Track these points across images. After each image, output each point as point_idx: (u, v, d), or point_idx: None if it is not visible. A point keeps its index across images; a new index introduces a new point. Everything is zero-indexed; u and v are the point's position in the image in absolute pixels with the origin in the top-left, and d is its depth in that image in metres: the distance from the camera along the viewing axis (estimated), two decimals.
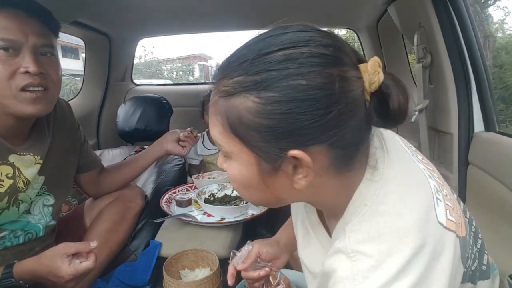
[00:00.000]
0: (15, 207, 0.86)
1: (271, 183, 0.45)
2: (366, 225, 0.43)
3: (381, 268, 0.40)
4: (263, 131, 0.40)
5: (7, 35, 0.74)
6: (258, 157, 0.42)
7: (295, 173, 0.42)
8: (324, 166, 0.43)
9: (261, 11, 1.66)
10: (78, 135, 1.04)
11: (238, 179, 0.47)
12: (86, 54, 1.96)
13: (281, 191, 0.46)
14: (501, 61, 3.65)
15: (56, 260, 0.75)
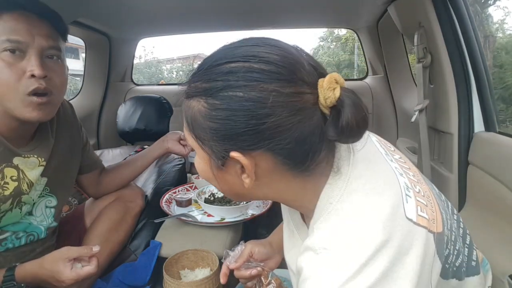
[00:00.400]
0: (17, 208, 0.86)
1: (224, 178, 0.49)
2: (331, 222, 0.46)
3: (345, 263, 0.41)
4: (209, 132, 0.45)
5: (14, 36, 0.74)
6: (209, 153, 0.47)
7: (242, 173, 0.47)
8: (270, 169, 0.46)
9: (261, 11, 1.66)
10: (80, 136, 1.04)
11: (200, 171, 0.52)
12: (86, 54, 1.96)
13: (235, 187, 0.50)
14: (501, 61, 3.65)
15: (58, 264, 0.76)
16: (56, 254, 0.79)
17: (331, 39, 16.20)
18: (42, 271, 0.77)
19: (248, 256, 0.75)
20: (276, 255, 0.78)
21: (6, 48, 0.74)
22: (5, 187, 0.81)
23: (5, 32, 0.74)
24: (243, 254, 0.75)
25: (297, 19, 1.87)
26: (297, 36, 18.13)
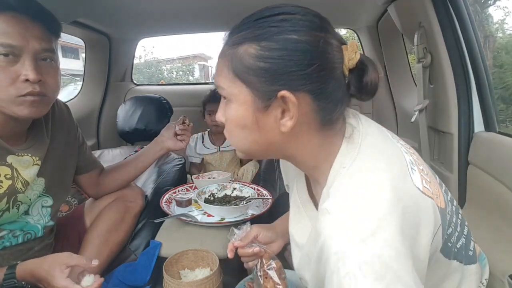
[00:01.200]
0: (15, 208, 0.86)
1: (262, 123, 0.52)
2: (346, 184, 0.49)
3: (363, 222, 0.44)
4: (260, 73, 0.49)
5: (7, 40, 0.72)
6: (254, 95, 0.51)
7: (282, 117, 0.51)
8: (308, 113, 0.51)
9: None
10: (76, 136, 1.04)
11: (235, 119, 0.54)
12: (86, 54, 1.96)
13: (270, 134, 0.53)
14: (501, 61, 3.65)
15: (55, 268, 0.75)
16: (56, 257, 0.79)
17: None
18: (39, 270, 0.77)
19: (254, 238, 0.78)
20: (280, 239, 0.81)
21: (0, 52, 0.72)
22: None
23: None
24: (249, 236, 0.77)
25: None
26: None
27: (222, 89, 0.54)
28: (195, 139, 1.99)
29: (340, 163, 0.52)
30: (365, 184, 0.48)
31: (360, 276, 0.42)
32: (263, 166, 1.51)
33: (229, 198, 1.29)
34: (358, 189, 0.48)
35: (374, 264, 0.43)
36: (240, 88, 0.51)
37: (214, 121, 1.92)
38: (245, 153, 0.59)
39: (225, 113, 0.56)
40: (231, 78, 0.52)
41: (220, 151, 1.96)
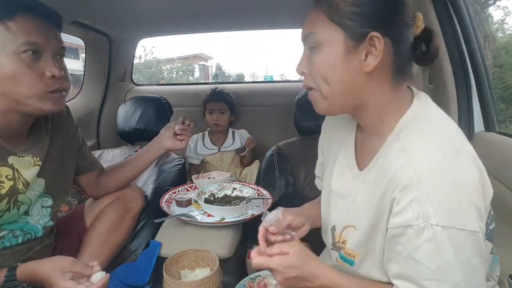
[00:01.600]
0: (15, 209, 0.86)
1: (349, 61, 0.59)
2: (419, 128, 0.59)
3: (434, 155, 0.55)
4: (354, 17, 0.57)
5: (33, 39, 0.77)
6: (346, 37, 0.58)
7: (366, 59, 0.58)
8: (386, 60, 0.59)
9: (260, 11, 1.66)
10: (76, 137, 1.04)
11: (326, 61, 0.60)
12: (86, 54, 1.96)
13: (354, 74, 0.59)
14: (501, 61, 3.65)
15: (57, 271, 0.75)
16: (59, 261, 0.78)
17: None
18: (40, 272, 0.77)
19: (288, 224, 0.78)
20: (308, 223, 0.82)
21: (26, 49, 0.76)
22: (0, 186, 0.81)
23: (23, 34, 0.76)
24: (284, 222, 0.77)
25: (297, 19, 1.87)
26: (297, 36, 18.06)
27: (314, 34, 0.60)
28: (195, 140, 1.99)
29: (412, 114, 0.61)
30: (436, 133, 0.58)
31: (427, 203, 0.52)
32: (263, 166, 1.51)
33: (229, 198, 1.29)
34: (431, 135, 0.57)
35: (440, 194, 0.52)
36: (334, 31, 0.58)
37: (214, 119, 1.92)
38: (329, 100, 0.63)
39: (311, 62, 0.62)
40: (327, 23, 0.59)
41: (221, 152, 1.96)
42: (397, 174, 0.56)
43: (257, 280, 0.92)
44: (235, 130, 2.03)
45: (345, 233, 0.70)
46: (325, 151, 0.84)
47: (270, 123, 2.08)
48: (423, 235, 0.53)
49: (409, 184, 0.54)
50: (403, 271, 0.57)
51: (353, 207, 0.68)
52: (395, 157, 0.58)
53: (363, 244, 0.65)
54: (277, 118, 2.06)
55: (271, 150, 1.54)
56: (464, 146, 0.56)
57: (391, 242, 0.59)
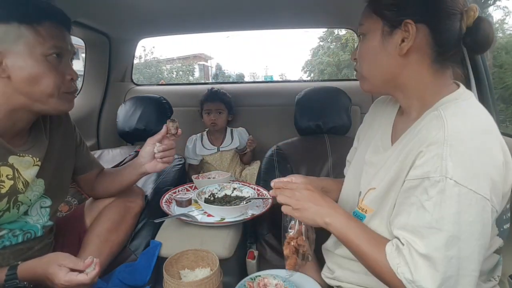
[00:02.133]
0: (15, 209, 0.86)
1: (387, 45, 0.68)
2: (457, 106, 0.64)
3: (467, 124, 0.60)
4: (390, 7, 0.66)
5: (59, 43, 0.83)
6: (384, 24, 0.67)
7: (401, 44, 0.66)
8: (423, 45, 0.66)
9: (261, 11, 1.66)
10: (74, 137, 1.05)
11: (370, 47, 0.70)
12: (86, 54, 1.96)
13: (392, 57, 0.68)
14: (501, 61, 3.65)
15: (53, 267, 0.77)
16: (53, 257, 0.80)
17: (331, 39, 16.19)
18: (39, 270, 0.78)
19: None
20: None
21: (53, 53, 0.81)
22: (1, 186, 0.82)
23: (50, 38, 0.81)
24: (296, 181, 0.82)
25: (297, 19, 1.88)
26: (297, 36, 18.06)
27: (362, 26, 0.72)
28: (193, 141, 1.99)
29: (454, 96, 0.66)
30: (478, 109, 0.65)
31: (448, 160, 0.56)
32: (263, 166, 1.51)
33: (229, 198, 1.29)
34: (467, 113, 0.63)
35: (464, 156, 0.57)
36: (375, 21, 0.68)
37: (212, 119, 1.92)
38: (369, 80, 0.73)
39: (360, 50, 0.73)
40: (370, 15, 0.69)
41: (220, 151, 1.96)
42: (427, 132, 0.62)
43: (257, 280, 0.92)
44: (234, 129, 2.03)
45: (368, 196, 0.75)
46: (361, 137, 0.92)
47: (270, 123, 2.08)
48: (437, 187, 0.57)
49: (436, 141, 0.59)
50: (411, 221, 0.61)
51: (379, 172, 0.74)
52: (428, 122, 0.64)
53: (378, 200, 0.71)
54: (277, 118, 2.06)
55: (271, 150, 1.54)
56: (496, 132, 0.62)
57: (404, 195, 0.64)
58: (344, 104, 1.60)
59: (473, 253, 0.57)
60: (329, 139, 1.54)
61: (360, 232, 0.68)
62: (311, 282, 0.94)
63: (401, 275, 0.60)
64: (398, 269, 0.60)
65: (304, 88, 1.70)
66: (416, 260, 0.58)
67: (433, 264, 0.57)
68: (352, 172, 0.89)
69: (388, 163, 0.71)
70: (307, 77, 19.01)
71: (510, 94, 3.15)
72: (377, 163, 0.77)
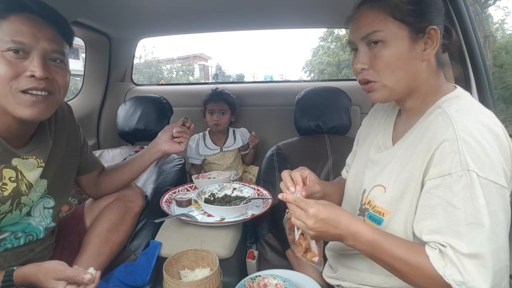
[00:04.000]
0: (17, 210, 0.86)
1: (412, 52, 0.67)
2: (460, 103, 0.67)
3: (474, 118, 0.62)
4: (413, 14, 0.66)
5: (18, 38, 0.76)
6: (409, 31, 0.67)
7: (425, 49, 0.68)
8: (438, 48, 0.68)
9: (261, 11, 1.66)
10: (78, 137, 1.04)
11: (394, 53, 0.68)
12: (86, 54, 1.96)
13: (416, 62, 0.68)
14: (501, 61, 3.65)
15: (51, 282, 0.75)
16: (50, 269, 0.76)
17: (331, 39, 16.20)
18: (34, 280, 0.77)
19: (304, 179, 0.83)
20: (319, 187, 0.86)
21: (10, 48, 0.75)
22: (3, 188, 0.81)
23: (10, 33, 0.76)
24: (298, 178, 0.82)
25: (297, 19, 1.87)
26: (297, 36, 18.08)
27: (379, 32, 0.67)
28: (196, 140, 1.99)
29: (455, 94, 0.69)
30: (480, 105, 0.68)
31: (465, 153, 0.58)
32: (263, 166, 1.51)
33: (229, 198, 1.29)
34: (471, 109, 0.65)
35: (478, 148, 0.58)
36: (398, 27, 0.67)
37: (215, 120, 1.92)
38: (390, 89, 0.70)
39: (374, 57, 0.69)
40: (391, 21, 0.67)
41: (223, 151, 1.96)
42: (438, 132, 0.62)
43: (257, 280, 0.92)
44: (235, 129, 2.03)
45: (372, 193, 0.75)
46: (361, 140, 0.93)
47: (270, 123, 2.08)
48: (461, 182, 0.58)
49: (448, 138, 0.60)
50: (441, 223, 0.60)
51: (385, 170, 0.74)
52: (435, 119, 0.66)
53: (394, 202, 0.70)
54: (277, 118, 2.06)
55: (271, 150, 1.54)
56: (499, 124, 0.64)
57: (426, 196, 0.63)
58: (344, 104, 1.60)
59: (503, 242, 0.58)
60: (329, 139, 1.54)
61: (391, 243, 0.65)
62: (311, 282, 0.94)
63: (449, 277, 0.58)
64: (445, 272, 0.58)
65: (304, 88, 1.70)
66: (463, 261, 0.57)
67: (481, 261, 0.56)
68: (354, 172, 0.89)
69: (395, 161, 0.72)
70: (307, 77, 19.04)
71: (510, 94, 3.15)
72: (381, 161, 0.77)
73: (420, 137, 0.67)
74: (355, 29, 0.72)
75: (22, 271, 0.78)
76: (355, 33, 0.72)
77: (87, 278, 0.74)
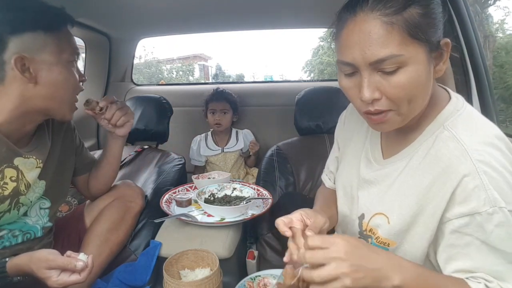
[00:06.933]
0: (15, 210, 0.86)
1: (430, 73, 0.58)
2: (463, 119, 0.62)
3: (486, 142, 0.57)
4: (429, 27, 0.56)
5: (76, 48, 0.88)
6: (428, 50, 0.56)
7: (437, 64, 0.59)
8: None
9: (261, 11, 1.66)
10: (73, 138, 1.05)
11: (416, 80, 0.56)
12: (86, 54, 1.96)
13: (431, 81, 0.60)
14: (501, 61, 3.65)
15: (43, 271, 0.75)
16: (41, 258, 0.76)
17: (331, 39, 16.17)
18: (28, 270, 0.77)
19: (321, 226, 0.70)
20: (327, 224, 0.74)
21: (74, 58, 0.88)
22: (4, 187, 0.81)
23: (70, 44, 0.87)
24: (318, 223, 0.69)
25: (297, 19, 1.87)
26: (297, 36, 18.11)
27: (398, 57, 0.54)
28: (197, 142, 1.99)
29: (454, 108, 0.63)
30: (481, 122, 0.62)
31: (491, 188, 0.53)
32: (263, 166, 1.51)
33: (229, 198, 1.29)
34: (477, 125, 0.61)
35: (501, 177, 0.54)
36: (417, 47, 0.55)
37: (216, 119, 1.92)
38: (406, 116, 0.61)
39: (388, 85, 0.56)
40: (408, 42, 0.54)
41: (224, 152, 1.96)
42: (453, 163, 0.57)
43: (257, 280, 0.92)
44: (239, 130, 2.02)
45: (373, 221, 0.69)
46: (343, 144, 0.85)
47: (270, 123, 2.08)
48: (493, 220, 0.53)
49: (469, 172, 0.55)
50: (476, 263, 0.56)
51: (388, 194, 0.67)
52: (445, 146, 0.60)
53: (401, 233, 0.64)
54: (277, 118, 2.06)
55: (271, 150, 1.54)
56: (502, 135, 0.60)
57: (454, 236, 0.58)
58: (344, 104, 1.57)
59: None
60: (329, 139, 1.54)
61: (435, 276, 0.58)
62: None
63: None
64: None
65: (304, 88, 1.69)
66: None
67: None
68: (343, 190, 0.80)
69: (397, 187, 0.66)
70: (307, 77, 19.02)
71: (510, 94, 3.15)
72: (376, 181, 0.71)
73: (429, 164, 0.61)
74: (356, 49, 0.56)
75: (14, 262, 0.78)
76: (357, 55, 0.56)
77: (79, 266, 0.75)
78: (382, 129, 0.64)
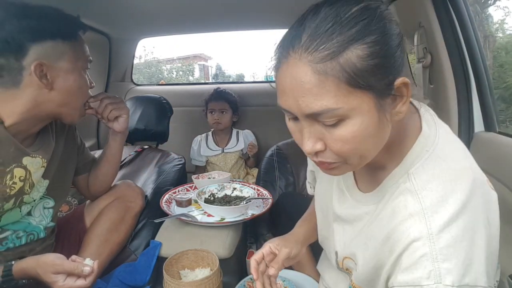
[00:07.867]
0: (18, 208, 0.87)
1: (383, 119, 0.48)
2: (430, 166, 0.52)
3: (447, 203, 0.48)
4: (375, 71, 0.45)
5: (89, 55, 0.92)
6: (376, 97, 0.46)
7: (394, 107, 0.49)
8: None
9: (261, 11, 1.66)
10: (74, 137, 1.05)
11: (361, 133, 0.47)
12: None
13: (387, 128, 0.50)
14: (501, 61, 3.65)
15: (50, 276, 0.75)
16: (48, 263, 0.76)
17: None
18: (33, 274, 0.77)
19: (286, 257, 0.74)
20: (303, 248, 0.79)
21: (87, 66, 0.91)
22: (12, 187, 0.82)
23: (84, 52, 0.91)
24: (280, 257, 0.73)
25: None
26: None
27: (336, 110, 0.45)
28: (198, 142, 1.99)
29: (422, 147, 0.53)
30: (450, 171, 0.51)
31: (440, 259, 0.46)
32: (263, 166, 1.51)
33: (229, 198, 1.29)
34: (444, 175, 0.50)
35: (454, 248, 0.46)
36: (360, 97, 0.45)
37: (215, 119, 1.92)
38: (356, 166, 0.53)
39: (331, 138, 0.48)
40: (347, 92, 0.45)
41: (224, 153, 1.96)
42: (407, 223, 0.50)
43: None
44: (239, 131, 2.02)
45: (345, 263, 0.65)
46: None
47: (271, 123, 2.08)
48: None
49: (420, 237, 0.48)
50: None
51: (356, 240, 0.61)
52: (404, 200, 0.52)
53: (366, 283, 0.59)
54: (277, 118, 2.04)
55: (271, 150, 1.54)
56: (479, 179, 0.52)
57: None
58: None
59: None
60: None
61: None
62: (311, 281, 0.94)
63: None
64: None
65: None
66: None
67: None
68: (322, 215, 0.74)
69: (363, 234, 0.59)
70: None
71: (510, 94, 3.15)
72: (348, 220, 0.64)
73: (388, 216, 0.53)
74: (290, 97, 0.48)
75: (20, 265, 0.79)
76: (291, 104, 0.48)
77: (86, 272, 0.76)
78: (334, 174, 0.56)
